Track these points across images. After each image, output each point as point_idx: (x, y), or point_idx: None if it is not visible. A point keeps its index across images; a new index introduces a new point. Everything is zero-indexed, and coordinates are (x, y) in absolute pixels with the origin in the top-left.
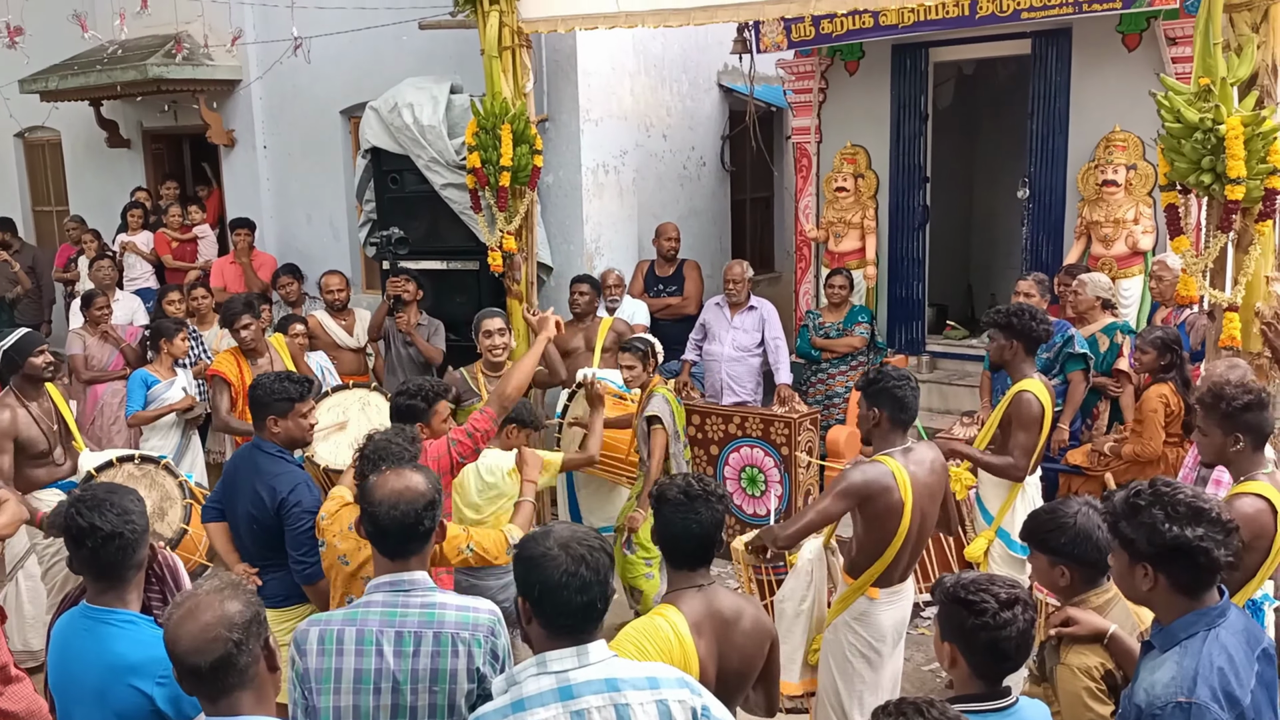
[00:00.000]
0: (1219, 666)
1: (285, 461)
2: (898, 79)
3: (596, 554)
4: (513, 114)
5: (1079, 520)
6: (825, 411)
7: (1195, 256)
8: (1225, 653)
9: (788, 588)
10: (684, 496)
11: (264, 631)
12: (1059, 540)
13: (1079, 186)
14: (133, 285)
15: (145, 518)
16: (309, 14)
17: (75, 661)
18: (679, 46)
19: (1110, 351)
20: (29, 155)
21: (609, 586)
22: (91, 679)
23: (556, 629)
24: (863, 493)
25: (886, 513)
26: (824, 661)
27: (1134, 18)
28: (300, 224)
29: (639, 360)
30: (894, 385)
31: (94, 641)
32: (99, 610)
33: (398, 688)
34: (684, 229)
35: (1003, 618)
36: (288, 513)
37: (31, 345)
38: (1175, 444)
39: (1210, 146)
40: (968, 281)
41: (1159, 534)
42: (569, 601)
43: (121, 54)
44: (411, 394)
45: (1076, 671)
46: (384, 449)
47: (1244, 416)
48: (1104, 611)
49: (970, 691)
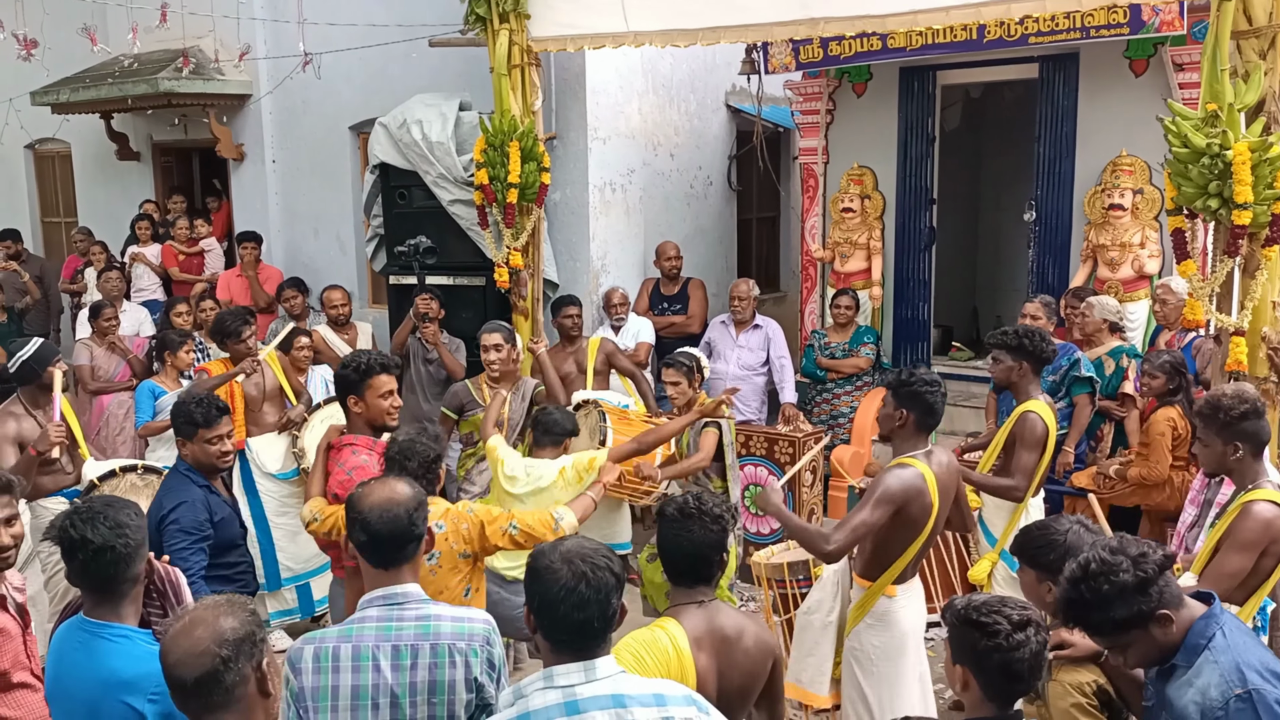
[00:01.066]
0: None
1: (187, 480)
2: (905, 101)
3: (600, 572)
4: (521, 131)
5: (1069, 538)
6: (830, 431)
7: (1202, 281)
8: (1244, 635)
9: (813, 599)
10: (679, 514)
11: (258, 653)
12: (1048, 557)
13: (1085, 210)
14: (140, 297)
15: (142, 531)
16: (319, 30)
17: (69, 674)
18: (687, 66)
19: (1115, 375)
20: (39, 167)
21: (610, 606)
22: (84, 693)
23: (557, 643)
24: (901, 498)
25: (920, 514)
26: (848, 669)
27: (1141, 43)
28: (308, 238)
29: (684, 376)
30: (926, 390)
31: (87, 655)
32: (94, 624)
33: (396, 702)
34: (690, 248)
35: (1015, 639)
36: (164, 529)
37: (50, 355)
38: (1181, 467)
39: (1217, 172)
40: (973, 303)
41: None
42: (566, 617)
43: (133, 67)
44: (345, 364)
45: (1068, 688)
46: (409, 448)
47: (1242, 425)
48: None
49: (982, 715)
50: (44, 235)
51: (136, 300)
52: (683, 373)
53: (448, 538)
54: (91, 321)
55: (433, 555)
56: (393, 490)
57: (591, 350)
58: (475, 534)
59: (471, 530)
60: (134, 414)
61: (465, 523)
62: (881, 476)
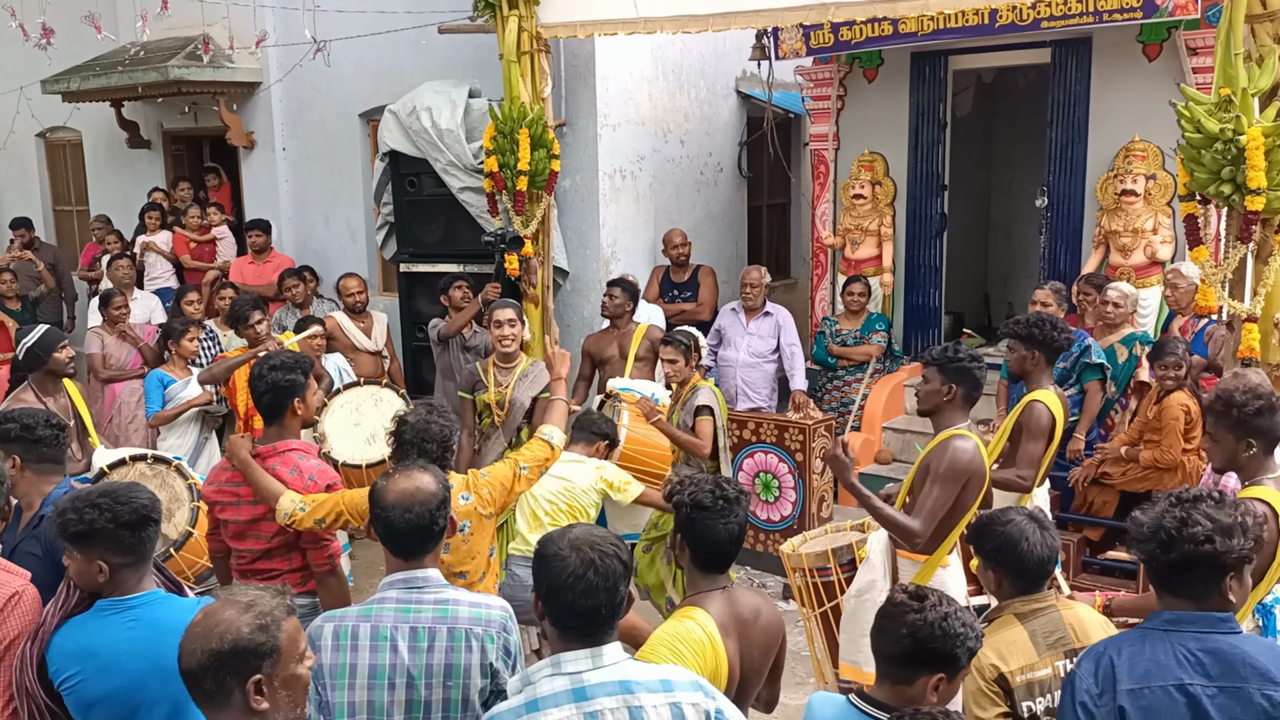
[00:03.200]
0: (1111, 655)
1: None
2: (916, 86)
3: (608, 560)
4: (531, 118)
5: (1008, 530)
6: (840, 419)
7: (1215, 267)
8: (1136, 649)
9: (864, 580)
10: (723, 501)
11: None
12: (986, 545)
13: (1098, 196)
14: (153, 285)
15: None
16: (329, 17)
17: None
18: (697, 52)
19: (1129, 362)
20: (50, 155)
21: (618, 593)
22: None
23: (564, 629)
24: (966, 471)
25: (977, 485)
26: None
27: (1155, 28)
28: (318, 226)
29: (681, 354)
30: (973, 365)
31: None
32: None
33: (412, 683)
34: (700, 235)
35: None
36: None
37: (55, 341)
38: (1193, 452)
39: (1230, 157)
40: (985, 290)
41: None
42: (573, 604)
43: (143, 55)
44: (289, 368)
45: (972, 669)
46: (425, 431)
47: (1255, 422)
48: (1027, 619)
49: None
50: (56, 223)
51: (150, 288)
52: (680, 350)
53: (475, 507)
54: (101, 310)
55: (464, 525)
56: (417, 485)
57: (637, 336)
58: (497, 492)
59: (493, 491)
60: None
61: (485, 487)
62: (945, 452)
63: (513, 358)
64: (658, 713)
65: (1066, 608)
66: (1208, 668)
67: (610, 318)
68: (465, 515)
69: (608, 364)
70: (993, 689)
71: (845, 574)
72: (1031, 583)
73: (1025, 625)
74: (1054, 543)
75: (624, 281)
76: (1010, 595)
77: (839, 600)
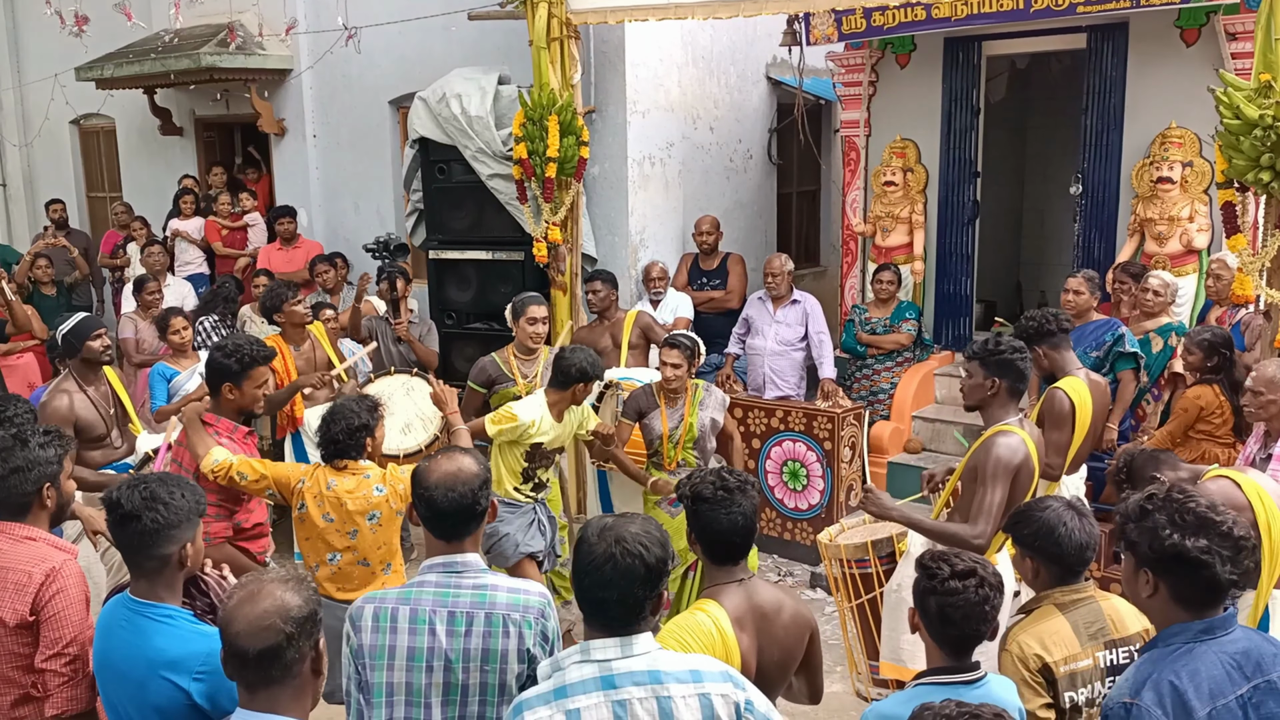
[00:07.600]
0: (1170, 678)
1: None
2: (949, 72)
3: (629, 558)
4: (560, 105)
5: (1046, 516)
6: (870, 408)
7: (1252, 255)
8: (1193, 667)
9: (905, 574)
10: (724, 491)
11: (316, 632)
12: (1023, 531)
13: (1133, 183)
14: (184, 271)
15: (182, 513)
16: (359, 4)
17: (117, 650)
18: (727, 39)
19: (1164, 352)
20: (84, 142)
21: (632, 594)
22: (132, 670)
23: (588, 615)
24: (1013, 467)
25: (1026, 481)
26: None
27: (1193, 12)
28: (348, 213)
29: (685, 359)
30: (1017, 357)
31: (134, 633)
32: (138, 602)
33: (449, 666)
34: (729, 222)
35: (950, 585)
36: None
37: (90, 329)
38: (1228, 445)
39: (1270, 144)
40: (1017, 278)
41: (1159, 540)
42: (589, 591)
43: (175, 42)
44: (228, 353)
45: (1015, 660)
46: (337, 413)
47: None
48: (1068, 610)
49: (937, 664)
50: (90, 210)
51: (181, 275)
52: (684, 355)
53: (388, 499)
54: (135, 295)
55: (373, 515)
56: (459, 467)
57: (627, 324)
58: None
59: (406, 489)
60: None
61: (401, 483)
62: (989, 451)
63: (535, 350)
64: (686, 703)
65: (1104, 599)
66: (1244, 668)
67: (598, 313)
68: (376, 506)
69: (602, 355)
70: (1036, 679)
71: (884, 567)
72: (1069, 570)
73: (1067, 616)
74: (1093, 529)
75: (603, 273)
76: (1048, 585)
77: (876, 592)
